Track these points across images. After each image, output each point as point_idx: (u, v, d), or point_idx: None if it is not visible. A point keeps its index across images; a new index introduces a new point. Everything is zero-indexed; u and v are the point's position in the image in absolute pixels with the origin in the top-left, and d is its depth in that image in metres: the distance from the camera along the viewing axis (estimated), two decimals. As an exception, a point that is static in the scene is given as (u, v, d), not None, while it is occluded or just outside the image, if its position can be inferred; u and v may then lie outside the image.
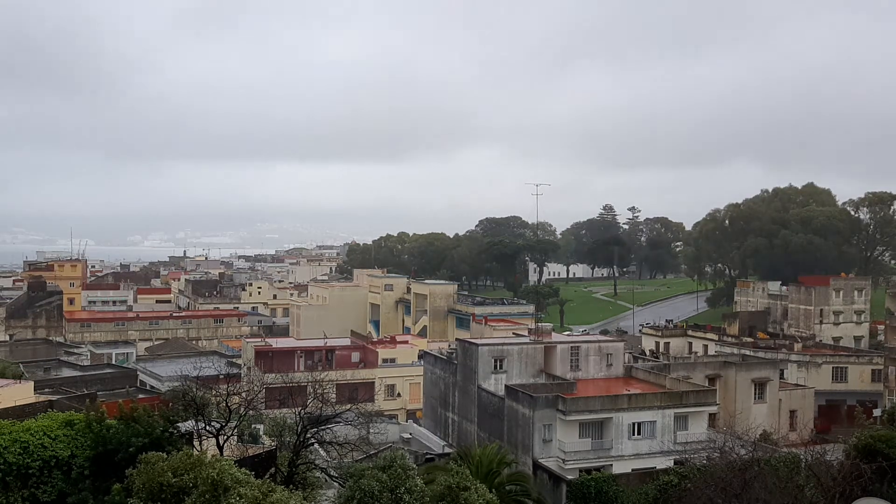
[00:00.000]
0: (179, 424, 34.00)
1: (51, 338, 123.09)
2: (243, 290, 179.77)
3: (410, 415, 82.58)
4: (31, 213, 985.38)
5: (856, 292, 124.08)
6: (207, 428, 34.81)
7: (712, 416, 60.93)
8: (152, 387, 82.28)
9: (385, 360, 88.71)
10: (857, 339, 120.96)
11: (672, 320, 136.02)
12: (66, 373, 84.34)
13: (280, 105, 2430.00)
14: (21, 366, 78.70)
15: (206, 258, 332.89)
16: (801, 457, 45.24)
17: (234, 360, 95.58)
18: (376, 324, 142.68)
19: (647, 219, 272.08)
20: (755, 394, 70.15)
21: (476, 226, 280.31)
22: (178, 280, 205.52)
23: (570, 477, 49.57)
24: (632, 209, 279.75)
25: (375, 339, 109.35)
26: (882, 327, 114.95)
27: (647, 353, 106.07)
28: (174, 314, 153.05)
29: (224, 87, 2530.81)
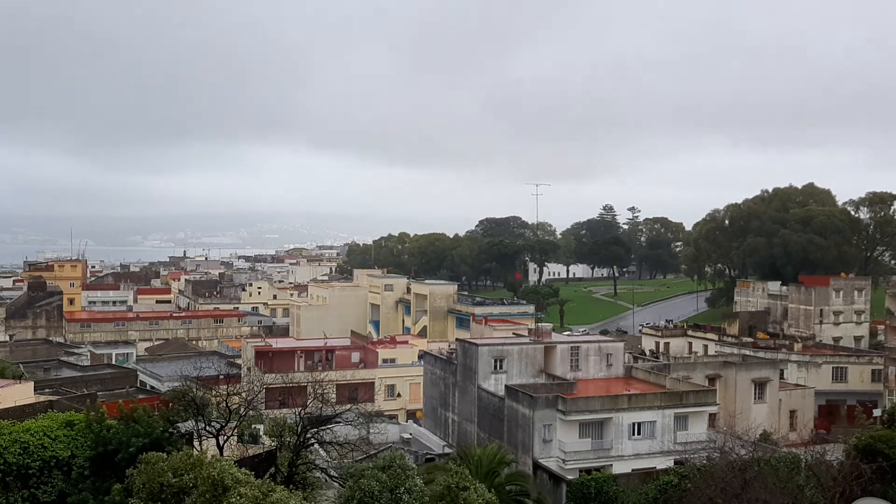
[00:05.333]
0: (179, 425, 34.03)
1: (51, 338, 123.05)
2: (243, 290, 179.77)
3: (410, 415, 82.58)
4: (32, 214, 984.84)
5: (856, 292, 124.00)
6: (207, 428, 34.83)
7: (712, 416, 60.94)
8: (152, 387, 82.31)
9: (385, 361, 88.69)
10: (857, 339, 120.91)
11: (672, 320, 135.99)
12: (66, 373, 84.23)
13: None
14: (21, 366, 78.63)
15: (206, 258, 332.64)
16: (801, 457, 45.25)
17: (234, 360, 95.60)
18: (376, 324, 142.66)
19: (647, 219, 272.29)
20: (755, 394, 70.15)
21: (476, 226, 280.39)
22: (178, 280, 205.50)
23: (570, 477, 49.57)
24: (632, 209, 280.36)
25: (375, 340, 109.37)
26: (882, 327, 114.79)
27: (647, 353, 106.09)
28: (174, 314, 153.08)
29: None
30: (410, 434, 69.70)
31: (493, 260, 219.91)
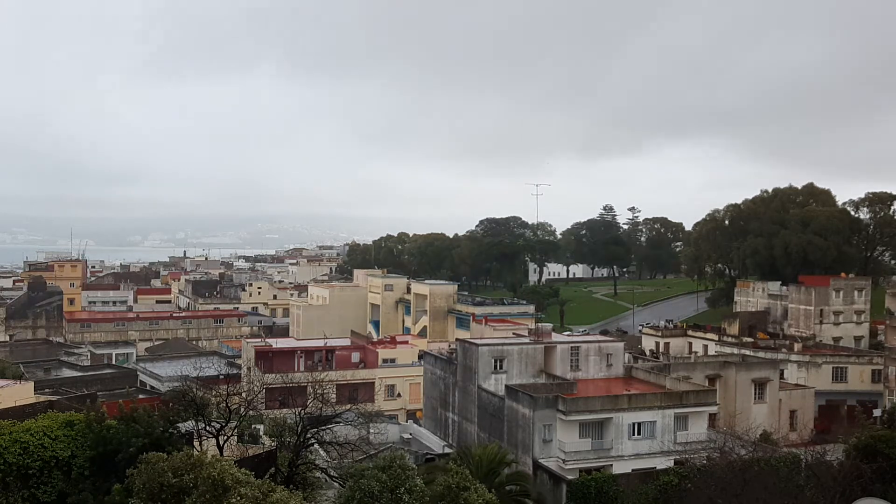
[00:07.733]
0: (179, 425, 34.06)
1: (51, 338, 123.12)
2: (243, 290, 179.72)
3: (410, 415, 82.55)
4: (32, 214, 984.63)
5: (856, 292, 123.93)
6: (207, 428, 34.86)
7: (712, 417, 60.90)
8: (152, 387, 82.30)
9: (385, 361, 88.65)
10: (857, 339, 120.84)
11: (672, 320, 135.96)
12: (67, 373, 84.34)
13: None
14: (21, 366, 78.84)
15: (207, 258, 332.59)
16: (801, 457, 45.28)
17: (234, 360, 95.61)
18: (376, 324, 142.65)
19: (647, 219, 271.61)
20: (755, 394, 70.12)
21: (476, 226, 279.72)
22: (179, 280, 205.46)
23: (570, 477, 49.57)
24: (632, 209, 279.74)
25: (375, 340, 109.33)
26: (882, 327, 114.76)
27: (647, 353, 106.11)
28: (174, 314, 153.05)
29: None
30: (410, 434, 69.67)
31: (493, 260, 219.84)
